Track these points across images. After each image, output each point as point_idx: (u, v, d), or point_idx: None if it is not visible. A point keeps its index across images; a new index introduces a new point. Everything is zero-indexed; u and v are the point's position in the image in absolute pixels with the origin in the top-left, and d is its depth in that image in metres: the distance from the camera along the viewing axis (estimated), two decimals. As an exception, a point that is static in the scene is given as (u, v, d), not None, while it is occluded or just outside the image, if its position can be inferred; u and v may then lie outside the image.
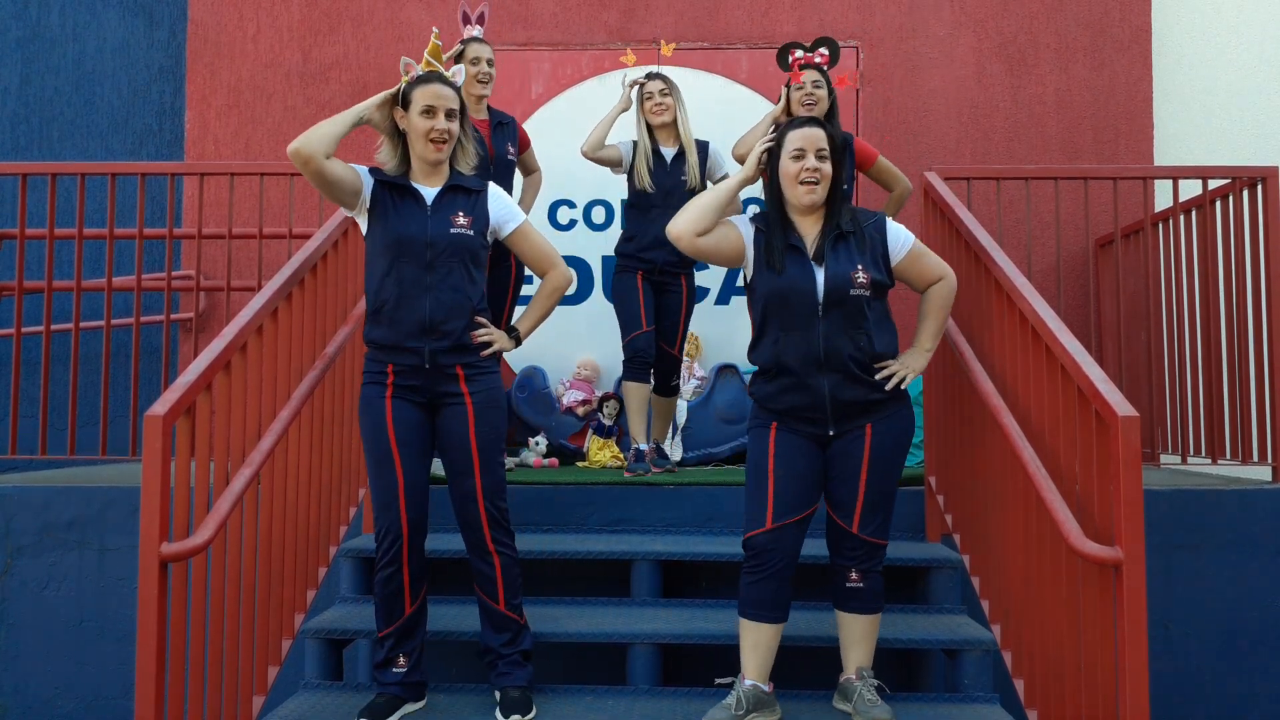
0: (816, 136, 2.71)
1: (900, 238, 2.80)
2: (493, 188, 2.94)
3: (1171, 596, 3.87)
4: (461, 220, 2.80)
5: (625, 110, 4.47)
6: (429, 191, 2.83)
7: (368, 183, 2.83)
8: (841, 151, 2.78)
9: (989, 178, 4.47)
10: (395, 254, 2.77)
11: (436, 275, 2.77)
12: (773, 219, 2.78)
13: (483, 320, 2.85)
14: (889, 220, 2.82)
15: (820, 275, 2.70)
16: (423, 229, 2.77)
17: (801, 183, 2.70)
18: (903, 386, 2.76)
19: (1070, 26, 5.64)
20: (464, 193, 2.86)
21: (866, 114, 5.54)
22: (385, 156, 2.87)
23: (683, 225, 2.73)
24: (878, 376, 2.72)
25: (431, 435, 2.87)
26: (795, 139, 2.71)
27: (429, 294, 2.76)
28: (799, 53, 4.01)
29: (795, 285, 2.70)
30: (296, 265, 3.12)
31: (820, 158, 2.70)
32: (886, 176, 4.22)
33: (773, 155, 2.77)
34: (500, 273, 4.15)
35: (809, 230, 2.77)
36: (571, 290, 5.48)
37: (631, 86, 4.46)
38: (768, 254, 2.74)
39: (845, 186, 2.96)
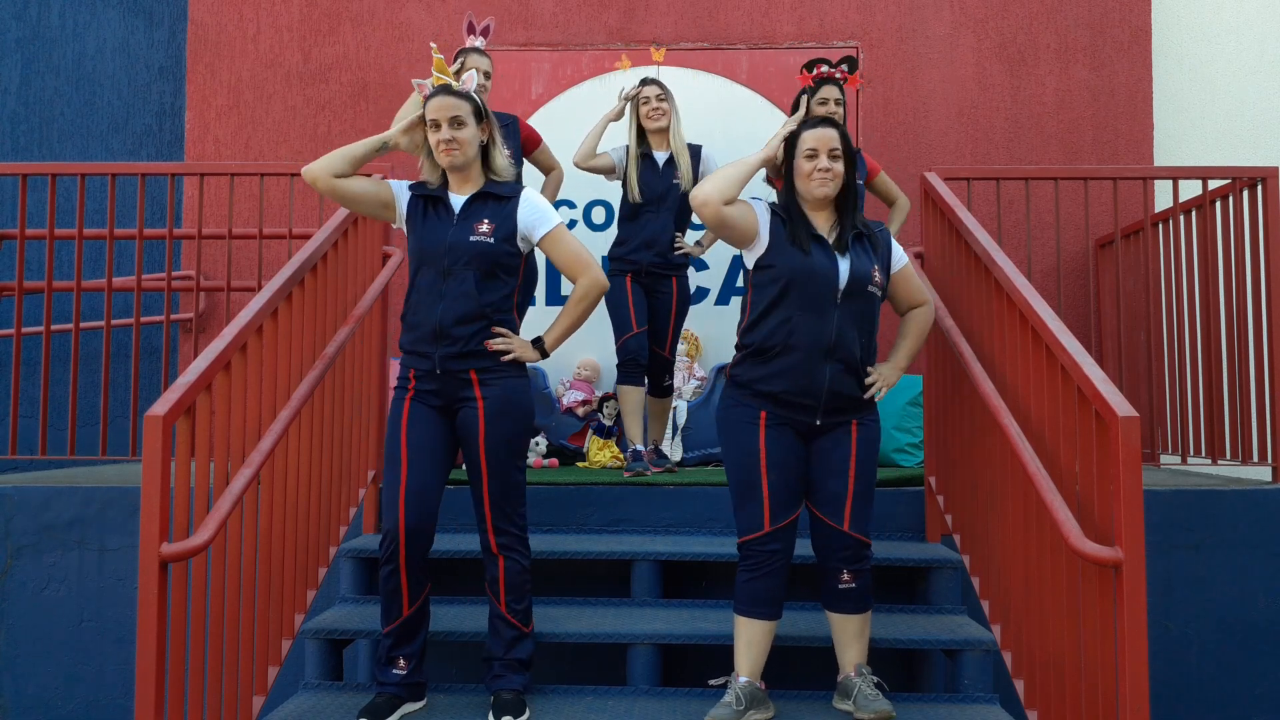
0: (829, 137, 2.77)
1: (899, 251, 2.94)
2: (527, 194, 2.91)
3: (1171, 596, 3.87)
4: (484, 228, 2.83)
5: (616, 120, 4.50)
6: (458, 200, 2.88)
7: (402, 197, 2.90)
8: (852, 159, 2.84)
9: (989, 178, 4.47)
10: (420, 263, 2.85)
11: (451, 283, 2.81)
12: (796, 211, 2.83)
13: (500, 330, 2.84)
14: (891, 235, 2.94)
15: (845, 265, 2.77)
16: (444, 237, 2.82)
17: (813, 179, 2.77)
18: (878, 398, 2.86)
19: (1070, 26, 5.64)
20: (494, 199, 2.88)
21: (866, 114, 5.54)
22: (426, 172, 2.94)
23: (709, 191, 2.73)
24: (867, 381, 2.82)
25: (451, 440, 2.91)
26: (809, 139, 2.79)
27: (441, 301, 2.81)
28: (825, 67, 4.10)
29: (821, 268, 2.74)
30: (296, 265, 3.12)
31: (833, 157, 2.77)
32: (887, 190, 4.45)
33: (789, 155, 2.83)
34: None
35: (821, 225, 2.83)
36: (570, 292, 5.51)
37: (626, 100, 4.48)
38: (792, 235, 2.77)
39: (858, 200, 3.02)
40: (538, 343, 2.91)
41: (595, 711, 2.88)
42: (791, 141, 2.84)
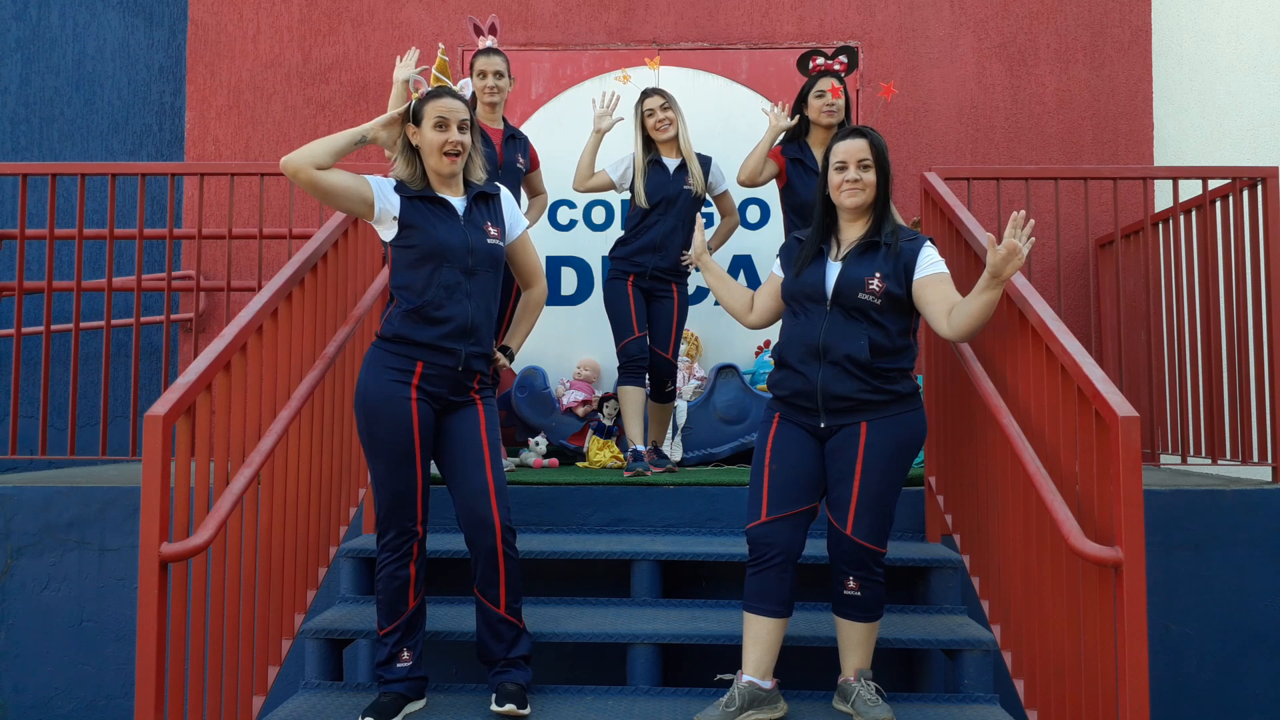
0: (858, 148, 2.83)
1: (932, 258, 2.81)
2: (504, 191, 3.04)
3: (1171, 596, 3.87)
4: (493, 231, 2.91)
5: (601, 137, 4.46)
6: (458, 201, 2.91)
7: (392, 198, 2.85)
8: (885, 165, 2.84)
9: (989, 178, 4.48)
10: (439, 260, 2.82)
11: (476, 282, 2.85)
12: (817, 225, 2.90)
13: None
14: (929, 244, 2.84)
15: (834, 272, 2.79)
16: (462, 238, 2.84)
17: (843, 191, 2.83)
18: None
19: (1070, 26, 5.64)
20: (485, 199, 2.96)
21: (866, 114, 5.54)
22: (402, 172, 2.90)
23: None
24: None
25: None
26: (839, 152, 2.85)
27: (470, 299, 2.84)
28: (820, 60, 4.19)
29: (808, 280, 2.82)
30: (296, 265, 3.12)
31: (862, 168, 2.82)
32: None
33: (824, 169, 2.89)
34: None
35: (852, 234, 2.87)
36: (570, 292, 5.52)
37: (600, 119, 4.44)
38: (794, 261, 2.89)
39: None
40: (505, 350, 3.06)
41: (595, 711, 2.88)
42: (824, 163, 2.89)
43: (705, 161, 4.54)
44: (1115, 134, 5.58)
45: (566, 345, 5.43)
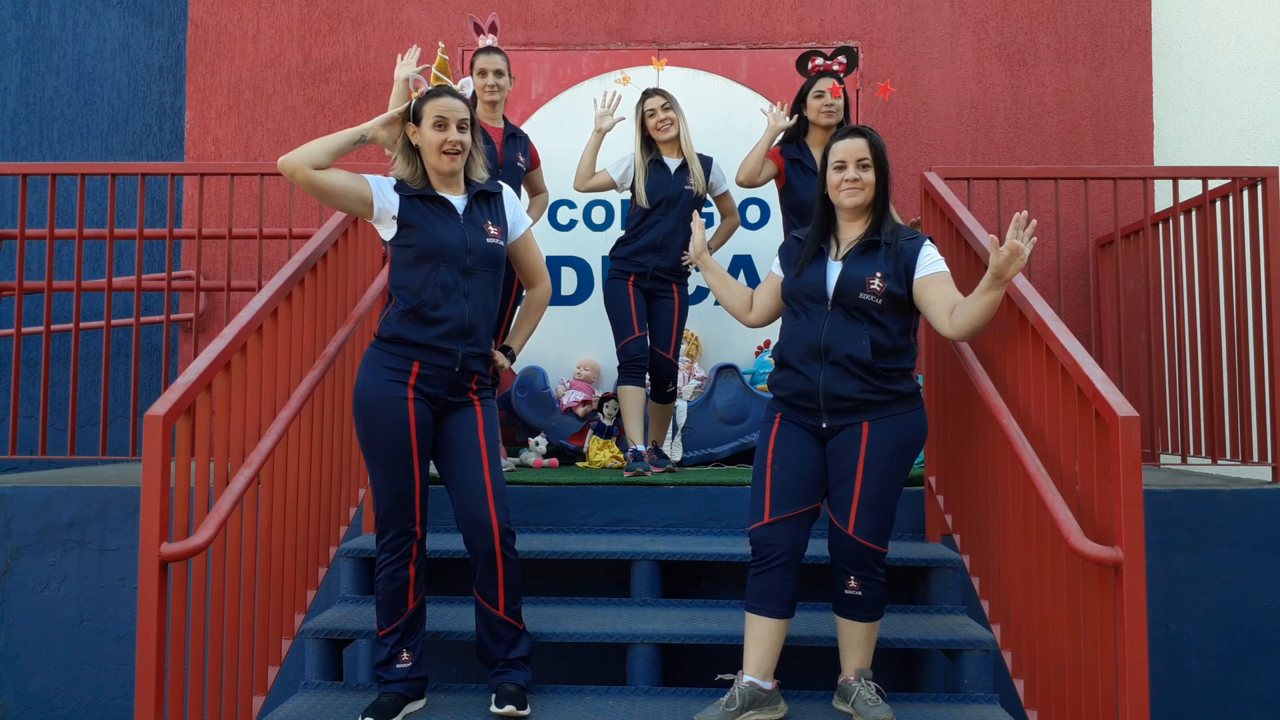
0: (857, 147, 2.83)
1: (933, 257, 2.81)
2: (506, 190, 3.03)
3: (1171, 596, 3.87)
4: (493, 230, 2.90)
5: (602, 137, 4.46)
6: (458, 200, 2.90)
7: (391, 197, 2.85)
8: (884, 164, 2.84)
9: (989, 178, 4.48)
10: (437, 260, 2.81)
11: (473, 282, 2.84)
12: (816, 224, 2.90)
13: None
14: (929, 243, 2.84)
15: (835, 272, 2.79)
16: (461, 237, 2.83)
17: (842, 190, 2.82)
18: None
19: (1070, 26, 5.64)
20: (487, 199, 2.95)
21: (866, 114, 5.55)
22: (402, 171, 2.89)
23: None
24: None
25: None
26: (838, 151, 2.85)
27: (468, 299, 2.83)
28: (819, 60, 4.22)
29: (808, 280, 2.82)
30: (296, 265, 3.12)
31: (861, 167, 2.82)
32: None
33: (823, 168, 2.89)
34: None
35: (851, 234, 2.87)
36: (570, 292, 5.52)
37: (601, 118, 4.43)
38: (795, 261, 2.89)
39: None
40: (506, 350, 3.06)
41: (595, 711, 2.88)
42: (823, 162, 2.90)
43: (706, 162, 4.54)
44: (1115, 134, 5.58)
45: (566, 345, 5.43)
